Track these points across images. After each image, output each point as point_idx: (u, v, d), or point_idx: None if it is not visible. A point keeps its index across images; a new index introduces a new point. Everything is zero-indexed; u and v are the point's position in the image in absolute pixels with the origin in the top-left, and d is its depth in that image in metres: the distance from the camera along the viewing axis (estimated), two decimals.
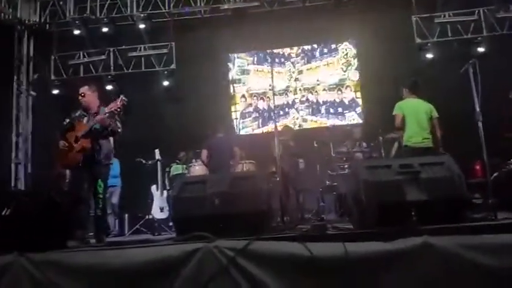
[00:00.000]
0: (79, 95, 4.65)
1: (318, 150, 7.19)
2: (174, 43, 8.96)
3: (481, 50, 8.27)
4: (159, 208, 7.39)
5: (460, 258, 2.31)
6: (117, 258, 2.53)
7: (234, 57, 9.65)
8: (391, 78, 7.15)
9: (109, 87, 9.01)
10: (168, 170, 7.80)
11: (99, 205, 4.41)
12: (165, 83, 9.17)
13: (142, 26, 9.12)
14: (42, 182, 8.31)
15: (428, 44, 8.53)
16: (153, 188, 7.57)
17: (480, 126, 3.82)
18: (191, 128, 8.20)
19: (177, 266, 2.41)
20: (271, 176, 5.51)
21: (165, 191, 7.51)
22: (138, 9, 9.22)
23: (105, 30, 9.11)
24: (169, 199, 6.81)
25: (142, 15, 9.13)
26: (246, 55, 9.66)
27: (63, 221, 3.20)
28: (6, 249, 2.62)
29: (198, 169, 6.86)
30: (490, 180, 4.03)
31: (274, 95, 4.96)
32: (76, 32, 9.08)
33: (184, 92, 9.14)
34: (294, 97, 9.39)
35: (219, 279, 2.34)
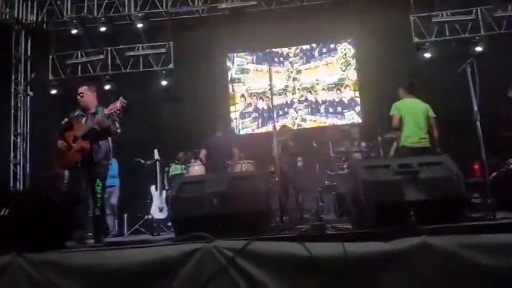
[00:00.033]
0: (78, 95, 4.63)
1: (317, 150, 7.19)
2: (172, 42, 8.97)
3: (479, 49, 8.29)
4: (158, 208, 7.38)
5: (458, 258, 2.31)
6: (116, 258, 2.52)
7: (233, 56, 9.62)
8: (389, 77, 7.14)
9: (107, 87, 8.99)
10: (167, 170, 7.80)
11: (98, 204, 4.39)
12: (164, 83, 9.17)
13: (140, 26, 9.10)
14: (41, 182, 8.30)
15: (426, 44, 8.54)
16: (152, 188, 7.56)
17: (478, 125, 3.81)
18: (190, 128, 8.20)
19: (175, 266, 2.41)
20: (270, 176, 5.51)
21: (164, 191, 7.50)
22: (136, 8, 9.21)
23: (103, 29, 9.09)
24: (168, 199, 6.80)
25: (140, 15, 9.12)
26: (245, 54, 9.63)
27: (62, 221, 3.19)
28: (4, 249, 2.62)
29: (197, 169, 6.85)
30: (489, 179, 4.03)
31: (274, 94, 4.94)
32: (73, 32, 9.06)
33: (182, 92, 9.13)
34: (292, 97, 9.38)
35: (218, 280, 2.34)
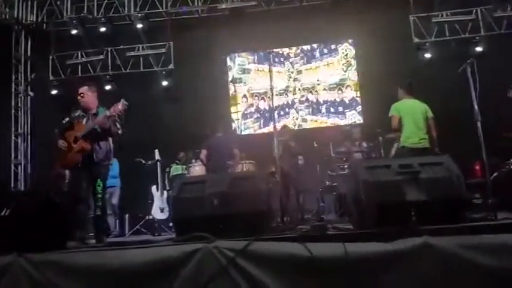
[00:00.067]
0: (78, 95, 4.62)
1: (317, 150, 7.18)
2: (172, 43, 8.96)
3: (479, 49, 8.28)
4: (159, 209, 7.38)
5: (459, 259, 2.31)
6: (117, 258, 2.52)
7: (235, 56, 9.61)
8: (389, 78, 7.13)
9: (107, 87, 8.99)
10: (167, 170, 7.80)
11: (99, 204, 4.38)
12: (164, 83, 9.17)
13: (140, 26, 9.10)
14: (41, 182, 8.29)
15: (426, 44, 8.53)
16: (153, 189, 7.56)
17: (479, 125, 3.81)
18: (190, 128, 8.20)
19: (176, 266, 2.41)
20: (271, 176, 5.50)
21: (165, 192, 7.51)
22: (136, 8, 9.21)
23: (103, 29, 9.08)
24: (169, 199, 6.80)
25: (140, 15, 9.12)
26: (247, 54, 9.62)
27: (63, 221, 3.19)
28: (5, 249, 2.62)
29: (198, 169, 6.85)
30: (490, 180, 4.03)
31: (275, 95, 4.94)
32: (73, 32, 9.05)
33: (182, 92, 9.13)
34: (293, 97, 9.37)
35: (219, 280, 2.34)
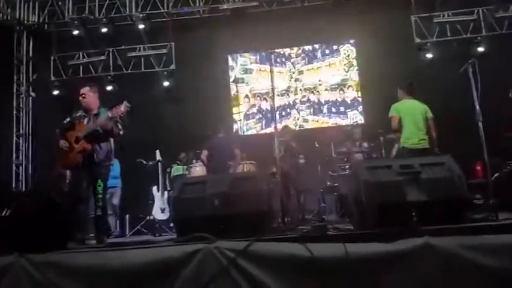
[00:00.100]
0: (80, 96, 4.63)
1: (319, 150, 7.18)
2: (173, 43, 8.96)
3: (480, 49, 8.26)
4: (160, 209, 7.38)
5: (460, 259, 2.31)
6: (117, 259, 2.53)
7: (237, 56, 9.61)
8: (391, 78, 7.11)
9: (109, 88, 8.99)
10: (168, 170, 7.80)
11: (99, 204, 4.38)
12: (165, 84, 9.17)
13: (142, 26, 9.11)
14: (43, 183, 8.30)
15: (428, 44, 8.52)
16: (154, 189, 7.56)
17: (480, 126, 3.81)
18: (191, 129, 8.19)
19: (177, 267, 2.41)
20: (272, 177, 5.50)
21: (166, 192, 7.50)
22: (137, 9, 9.22)
23: (104, 30, 9.10)
24: (170, 200, 6.80)
25: (141, 15, 9.13)
26: (249, 54, 9.61)
27: (64, 221, 3.19)
28: (6, 250, 2.62)
29: (199, 170, 6.85)
30: (491, 180, 4.01)
31: (276, 95, 4.94)
32: (75, 32, 9.07)
33: (184, 93, 9.13)
34: (294, 97, 9.36)
35: (220, 280, 2.34)
